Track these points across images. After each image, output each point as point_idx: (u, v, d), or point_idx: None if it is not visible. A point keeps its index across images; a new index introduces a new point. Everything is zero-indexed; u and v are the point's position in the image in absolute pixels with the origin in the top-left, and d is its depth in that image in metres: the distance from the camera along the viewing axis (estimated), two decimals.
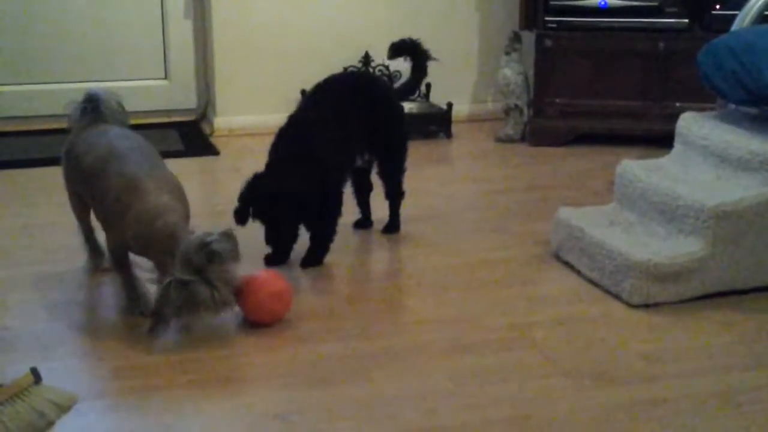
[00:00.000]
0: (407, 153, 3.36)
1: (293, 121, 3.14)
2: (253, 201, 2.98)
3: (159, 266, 2.62)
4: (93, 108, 2.86)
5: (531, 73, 4.69)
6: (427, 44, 4.95)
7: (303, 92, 4.44)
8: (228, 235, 2.54)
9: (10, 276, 2.94)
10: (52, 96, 3.67)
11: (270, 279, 2.71)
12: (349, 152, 3.18)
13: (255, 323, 2.68)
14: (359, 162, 3.27)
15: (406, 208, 3.56)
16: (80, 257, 3.04)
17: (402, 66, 4.88)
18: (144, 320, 2.69)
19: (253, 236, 3.04)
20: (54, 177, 3.16)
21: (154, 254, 2.61)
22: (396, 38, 5.11)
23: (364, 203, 3.45)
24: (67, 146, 2.89)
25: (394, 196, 3.40)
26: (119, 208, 2.63)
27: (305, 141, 3.05)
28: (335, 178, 3.10)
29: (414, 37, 3.52)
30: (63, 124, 2.99)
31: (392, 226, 3.43)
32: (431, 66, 4.92)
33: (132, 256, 2.75)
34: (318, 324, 2.74)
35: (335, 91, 3.21)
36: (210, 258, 2.48)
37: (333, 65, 4.41)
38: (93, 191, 2.74)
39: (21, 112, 4.75)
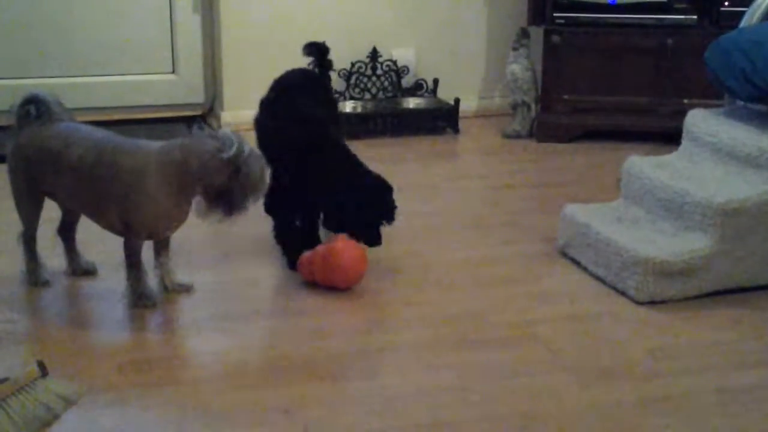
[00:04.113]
0: None
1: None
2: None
3: (210, 188, 2.62)
4: (42, 109, 2.82)
5: (539, 68, 4.68)
6: (435, 40, 4.99)
7: None
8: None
9: (16, 270, 2.94)
10: (60, 90, 3.65)
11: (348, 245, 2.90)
12: None
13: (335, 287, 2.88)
14: None
15: (413, 204, 3.55)
16: (88, 249, 3.04)
17: (410, 61, 4.90)
18: (150, 313, 2.72)
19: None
20: None
21: (209, 177, 2.62)
22: (404, 34, 5.11)
23: None
24: (25, 145, 2.79)
25: None
26: (142, 177, 2.63)
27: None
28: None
29: (422, 31, 3.50)
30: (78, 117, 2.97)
31: None
32: (439, 61, 4.96)
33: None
34: (324, 319, 2.75)
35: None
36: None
37: (340, 60, 4.41)
38: (90, 179, 2.70)
39: None
